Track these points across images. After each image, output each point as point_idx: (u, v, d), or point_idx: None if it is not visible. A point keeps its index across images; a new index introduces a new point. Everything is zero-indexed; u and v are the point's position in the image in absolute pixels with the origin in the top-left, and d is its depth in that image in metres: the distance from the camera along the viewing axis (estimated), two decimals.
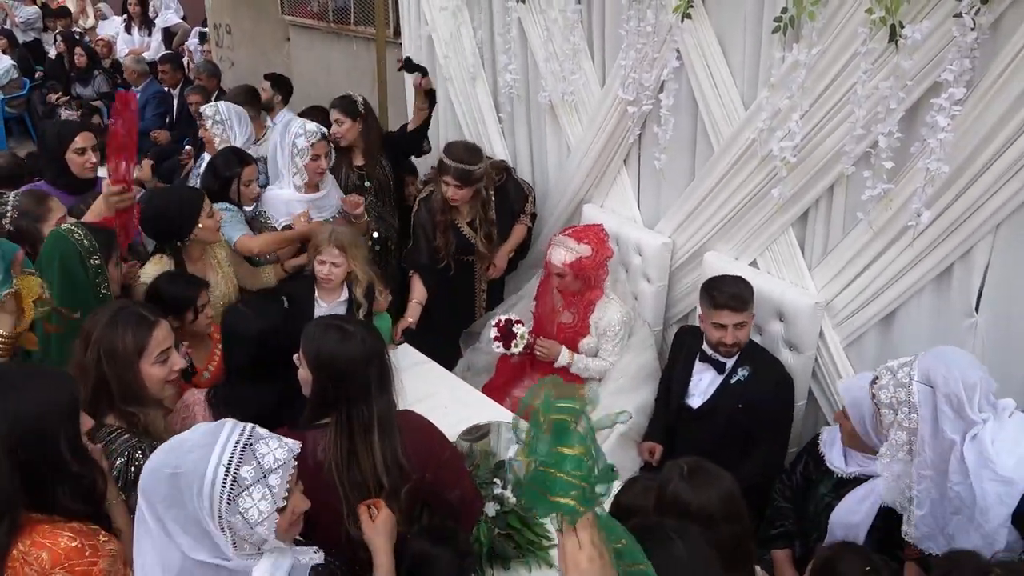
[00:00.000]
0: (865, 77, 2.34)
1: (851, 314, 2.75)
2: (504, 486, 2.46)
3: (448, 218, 3.51)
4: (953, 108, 2.18)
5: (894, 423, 2.12)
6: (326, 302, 3.11)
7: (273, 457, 1.45)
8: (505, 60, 3.72)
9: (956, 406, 2.01)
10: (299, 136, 3.35)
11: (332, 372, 1.87)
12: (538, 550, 2.34)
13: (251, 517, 1.41)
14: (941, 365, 2.04)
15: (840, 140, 2.52)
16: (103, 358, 1.95)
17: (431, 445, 1.97)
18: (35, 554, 1.53)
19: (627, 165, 3.46)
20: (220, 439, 1.43)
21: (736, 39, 2.82)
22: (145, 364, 2.00)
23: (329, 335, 1.90)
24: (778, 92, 2.62)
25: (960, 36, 2.11)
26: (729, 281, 2.81)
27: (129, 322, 2.00)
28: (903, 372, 2.10)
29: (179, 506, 1.39)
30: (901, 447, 2.12)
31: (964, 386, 1.99)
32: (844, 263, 2.72)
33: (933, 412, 2.04)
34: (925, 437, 2.05)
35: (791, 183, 2.69)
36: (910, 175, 2.41)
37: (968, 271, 2.42)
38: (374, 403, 1.87)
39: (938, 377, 2.03)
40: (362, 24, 5.47)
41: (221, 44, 7.54)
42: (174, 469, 1.40)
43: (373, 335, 1.97)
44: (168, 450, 1.45)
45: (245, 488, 1.40)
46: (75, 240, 2.34)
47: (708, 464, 1.89)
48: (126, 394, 1.97)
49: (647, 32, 2.96)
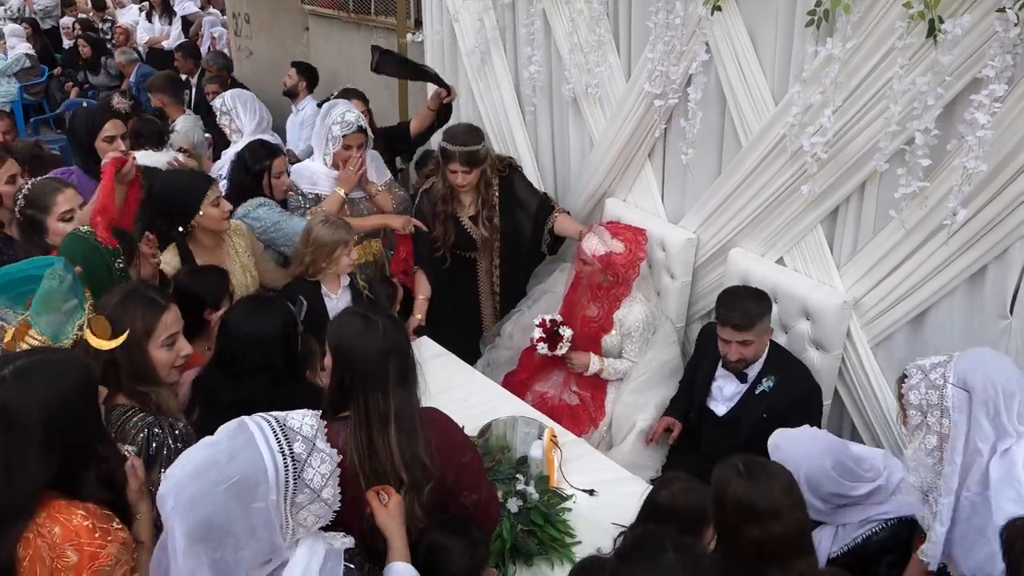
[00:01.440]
0: (902, 72, 2.30)
1: (880, 314, 2.71)
2: (527, 482, 2.44)
3: (449, 209, 3.44)
4: (993, 105, 2.12)
5: (923, 425, 2.02)
6: (334, 293, 3.10)
7: (309, 425, 1.52)
8: (529, 52, 3.68)
9: (992, 415, 1.91)
10: (335, 124, 3.34)
11: (349, 361, 1.85)
12: (560, 547, 2.33)
13: (315, 484, 1.48)
14: (980, 369, 1.93)
15: (874, 136, 2.47)
16: None
17: (453, 446, 1.95)
18: (48, 526, 1.53)
19: (651, 159, 3.42)
20: (254, 434, 1.46)
21: (767, 32, 2.77)
22: (152, 347, 2.00)
23: (352, 324, 1.89)
24: (810, 87, 2.57)
25: (1002, 31, 2.06)
26: (742, 295, 2.77)
27: (139, 303, 2.01)
28: (936, 373, 1.99)
29: (241, 518, 1.41)
30: (930, 452, 2.02)
31: (1004, 394, 1.90)
32: (874, 262, 2.68)
33: (968, 419, 1.93)
34: (957, 445, 1.95)
35: (821, 180, 2.65)
36: (946, 173, 2.36)
37: (1004, 272, 2.38)
38: (391, 396, 1.84)
39: (976, 382, 1.92)
40: (383, 14, 5.43)
41: (240, 33, 7.52)
42: (229, 481, 1.41)
43: (397, 328, 1.94)
44: (199, 475, 1.43)
45: (304, 461, 1.47)
46: (101, 245, 2.31)
47: (758, 458, 1.86)
48: (136, 373, 1.98)
49: (676, 24, 2.92)
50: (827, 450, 2.28)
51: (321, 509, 1.53)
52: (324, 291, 3.07)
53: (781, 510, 1.72)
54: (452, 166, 3.32)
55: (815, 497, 2.22)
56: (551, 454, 2.57)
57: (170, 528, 1.42)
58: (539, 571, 2.29)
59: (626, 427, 3.09)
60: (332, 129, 3.34)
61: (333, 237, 3.00)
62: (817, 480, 2.23)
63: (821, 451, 2.27)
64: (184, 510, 1.40)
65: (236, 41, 7.60)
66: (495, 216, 3.47)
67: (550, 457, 2.57)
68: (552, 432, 2.66)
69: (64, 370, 1.62)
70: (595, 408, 3.27)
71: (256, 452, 1.44)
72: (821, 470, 2.23)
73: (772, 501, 1.73)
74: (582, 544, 2.34)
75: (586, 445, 2.85)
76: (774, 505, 1.72)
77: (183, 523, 1.40)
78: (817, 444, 2.30)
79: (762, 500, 1.73)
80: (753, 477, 1.77)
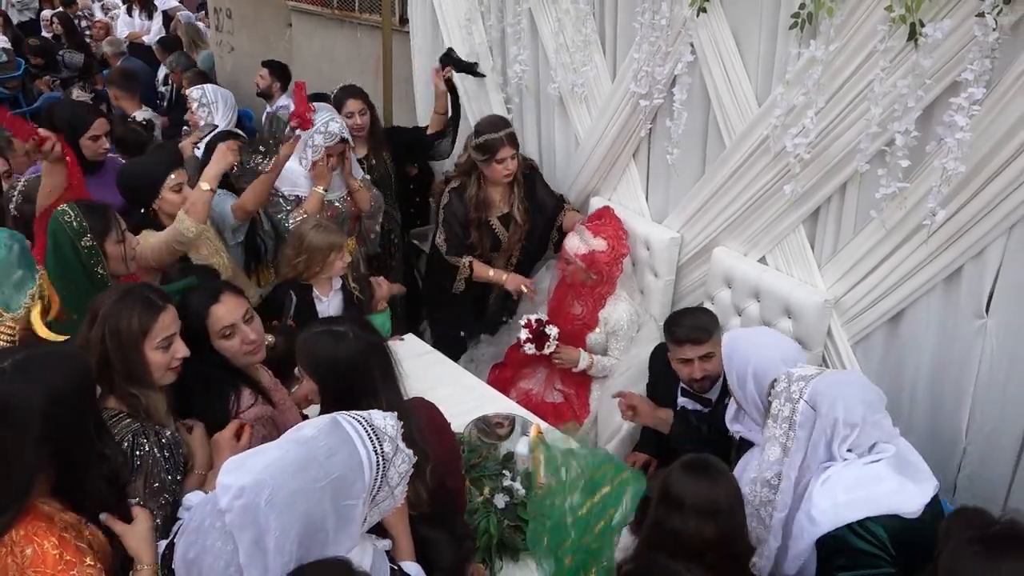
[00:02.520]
0: (883, 75, 2.34)
1: (860, 312, 2.75)
2: (513, 478, 2.46)
3: (483, 215, 3.45)
4: (972, 108, 2.17)
5: (773, 437, 2.05)
6: (326, 295, 3.10)
7: (391, 425, 1.55)
8: (515, 51, 3.70)
9: (828, 440, 1.95)
10: (318, 133, 3.32)
11: (336, 375, 1.89)
12: None
13: (393, 483, 1.52)
14: (833, 394, 1.95)
15: (855, 138, 2.51)
16: (108, 336, 1.91)
17: (442, 428, 2.00)
18: (22, 546, 1.51)
19: (636, 159, 3.45)
20: (350, 432, 1.48)
21: (752, 34, 2.81)
22: (148, 348, 1.97)
23: (323, 341, 1.93)
24: (793, 88, 2.61)
25: (981, 36, 2.10)
26: (687, 314, 2.80)
27: (136, 303, 1.97)
28: (797, 387, 2.01)
29: (331, 515, 1.42)
30: (771, 466, 2.05)
31: (844, 423, 1.92)
32: (854, 261, 2.72)
33: (808, 437, 1.98)
34: (794, 461, 1.99)
35: (804, 180, 2.69)
36: (925, 174, 2.41)
37: (980, 272, 2.43)
38: (381, 394, 1.88)
39: (823, 405, 1.95)
40: (367, 11, 5.42)
41: (221, 28, 7.47)
42: (329, 478, 1.42)
43: (365, 329, 1.99)
44: (299, 471, 1.42)
45: (390, 460, 1.51)
46: (65, 222, 2.30)
47: (712, 459, 1.89)
48: (130, 374, 1.94)
49: (661, 25, 2.95)
50: (776, 343, 2.28)
51: (388, 506, 1.55)
52: (315, 294, 3.07)
53: (721, 511, 1.75)
54: (501, 153, 3.30)
55: (759, 394, 2.18)
56: (537, 451, 2.59)
57: (262, 527, 1.39)
58: (525, 566, 2.31)
59: (611, 425, 3.12)
60: (314, 138, 3.33)
61: (327, 241, 3.00)
62: (764, 372, 2.17)
63: (770, 343, 2.28)
64: (283, 507, 1.39)
65: (217, 36, 7.55)
66: (524, 211, 3.48)
67: (536, 454, 2.59)
68: (538, 428, 2.68)
69: (64, 364, 1.63)
70: (579, 406, 3.31)
71: (354, 450, 1.46)
72: (770, 361, 2.18)
73: (713, 499, 1.76)
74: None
75: (572, 443, 2.87)
76: (715, 506, 1.75)
77: (281, 520, 1.38)
78: (767, 336, 2.35)
79: (703, 496, 1.76)
80: (698, 472, 1.81)
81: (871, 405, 1.97)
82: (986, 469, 2.56)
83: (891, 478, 1.89)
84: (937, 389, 2.64)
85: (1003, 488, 2.54)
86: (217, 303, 2.21)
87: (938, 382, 2.63)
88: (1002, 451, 2.51)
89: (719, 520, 1.75)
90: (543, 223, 3.56)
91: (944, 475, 2.67)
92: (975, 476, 2.60)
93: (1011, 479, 2.52)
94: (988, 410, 2.51)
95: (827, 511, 1.87)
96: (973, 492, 2.61)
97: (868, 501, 1.85)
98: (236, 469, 1.44)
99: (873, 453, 1.94)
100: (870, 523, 1.84)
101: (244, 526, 1.39)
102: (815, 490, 1.92)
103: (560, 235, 3.54)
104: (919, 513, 1.87)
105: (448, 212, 3.47)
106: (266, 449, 1.48)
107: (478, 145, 3.34)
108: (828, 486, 1.91)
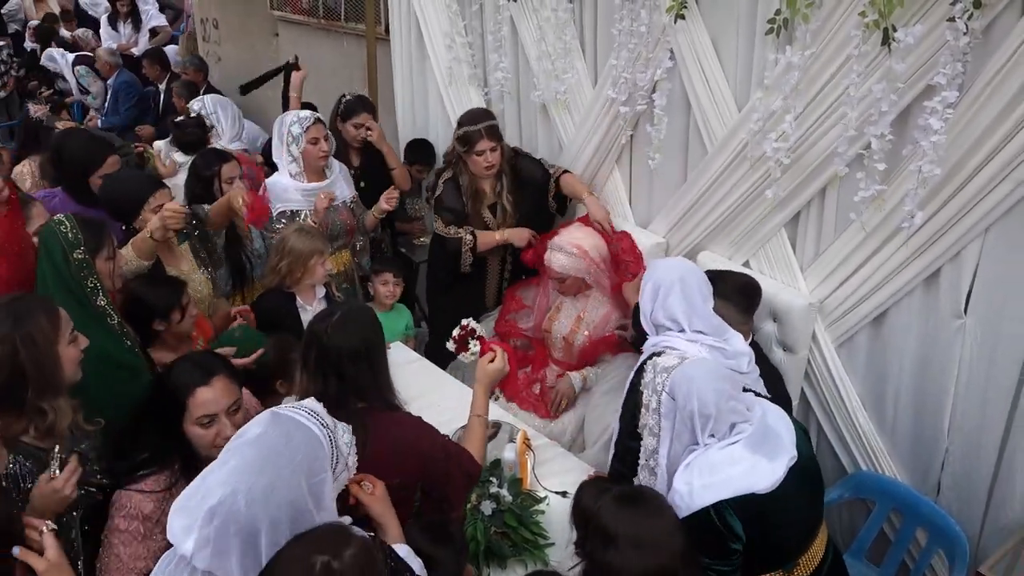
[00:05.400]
0: (858, 80, 2.36)
1: (843, 315, 2.77)
2: (500, 484, 2.47)
3: (476, 206, 3.47)
4: (946, 111, 2.19)
5: (646, 425, 2.16)
6: (310, 304, 3.10)
7: (311, 402, 1.64)
8: (496, 59, 3.72)
9: (691, 428, 2.04)
10: (293, 124, 3.35)
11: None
12: (534, 548, 2.36)
13: (343, 450, 1.59)
14: (688, 386, 2.04)
15: (833, 142, 2.53)
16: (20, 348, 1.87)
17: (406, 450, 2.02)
18: None
19: (619, 165, 3.47)
20: (292, 415, 1.55)
21: (730, 40, 2.83)
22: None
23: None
24: (772, 94, 2.63)
25: (953, 40, 2.13)
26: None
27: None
28: (660, 379, 2.12)
29: (310, 496, 1.46)
30: (651, 453, 2.15)
31: (699, 414, 2.01)
32: (836, 264, 2.74)
33: (672, 425, 2.07)
34: (662, 448, 2.10)
35: (784, 184, 2.71)
36: (902, 177, 2.43)
37: (958, 273, 2.45)
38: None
39: (680, 395, 2.05)
40: (352, 20, 5.43)
41: (208, 39, 7.47)
42: (294, 461, 1.46)
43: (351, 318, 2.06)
44: (263, 465, 1.44)
45: (333, 430, 1.57)
46: (61, 232, 2.31)
47: (644, 491, 1.90)
48: (44, 384, 1.90)
49: (640, 32, 2.97)
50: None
51: (344, 478, 1.61)
52: (299, 303, 3.07)
53: (646, 547, 1.71)
54: (480, 146, 3.31)
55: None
56: (524, 457, 2.61)
57: (250, 529, 1.37)
58: (513, 573, 2.32)
59: (598, 430, 3.13)
60: (292, 130, 3.36)
61: (308, 246, 3.01)
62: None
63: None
64: (264, 501, 1.38)
65: (205, 47, 7.55)
66: (512, 198, 3.48)
67: (523, 460, 2.60)
68: (525, 435, 2.70)
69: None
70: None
71: (306, 428, 1.51)
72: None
73: (641, 534, 1.73)
74: (555, 546, 2.37)
75: (559, 448, 2.89)
76: (640, 539, 1.72)
77: (268, 512, 1.38)
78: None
79: (623, 531, 1.73)
80: (624, 505, 1.79)
81: (722, 393, 2.03)
82: (968, 468, 2.58)
83: (745, 459, 1.98)
84: (920, 389, 2.66)
85: (985, 487, 2.56)
86: (206, 386, 1.99)
87: (920, 382, 2.65)
88: (983, 450, 2.53)
89: (654, 553, 1.71)
90: (535, 194, 3.53)
91: (928, 474, 2.71)
92: (958, 475, 2.62)
93: (993, 477, 2.54)
94: (969, 409, 2.53)
95: (685, 495, 1.97)
96: (956, 491, 2.63)
97: (722, 484, 1.95)
98: (186, 507, 1.41)
99: (733, 434, 2.02)
100: (724, 506, 1.93)
101: (227, 543, 1.36)
102: (676, 475, 2.03)
103: (559, 202, 3.55)
104: (773, 488, 1.95)
105: (445, 196, 3.48)
106: (214, 467, 1.46)
107: (458, 137, 3.39)
108: (687, 471, 2.01)
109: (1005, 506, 2.52)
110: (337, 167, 3.61)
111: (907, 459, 2.77)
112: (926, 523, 2.62)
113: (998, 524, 2.55)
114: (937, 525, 2.57)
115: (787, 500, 1.97)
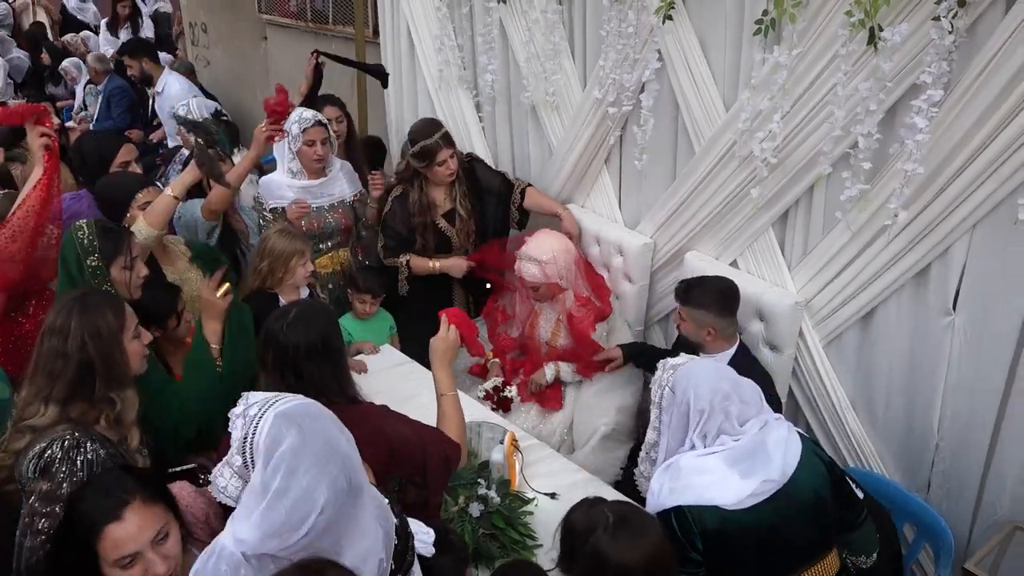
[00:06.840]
0: (845, 79, 2.37)
1: (830, 313, 2.78)
2: (488, 486, 2.46)
3: (427, 218, 3.46)
4: (931, 110, 2.20)
5: (651, 420, 2.19)
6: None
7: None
8: (486, 60, 3.72)
9: (685, 425, 2.05)
10: (293, 123, 3.36)
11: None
12: (522, 549, 2.34)
13: None
14: (685, 381, 2.06)
15: (820, 141, 2.54)
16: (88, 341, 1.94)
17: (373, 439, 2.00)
18: None
19: (608, 165, 3.48)
20: (288, 398, 1.54)
21: (717, 41, 2.84)
22: (125, 339, 2.02)
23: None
24: (759, 93, 2.64)
25: (938, 39, 2.14)
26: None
27: (100, 303, 2.03)
28: (667, 375, 2.13)
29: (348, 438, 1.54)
30: (652, 446, 2.19)
31: (693, 409, 2.02)
32: (823, 263, 2.75)
33: (671, 420, 2.08)
34: (662, 442, 2.12)
35: (771, 184, 2.72)
36: (888, 176, 2.44)
37: (946, 270, 2.46)
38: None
39: (679, 390, 2.07)
40: (341, 23, 5.43)
41: (197, 43, 7.45)
42: (326, 415, 1.53)
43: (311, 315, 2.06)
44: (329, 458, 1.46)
45: None
46: (77, 238, 2.34)
47: (637, 513, 1.79)
48: (111, 375, 1.97)
49: (628, 33, 2.97)
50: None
51: None
52: (282, 304, 3.05)
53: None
54: (440, 156, 3.33)
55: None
56: (512, 458, 2.60)
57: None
58: None
59: (587, 431, 3.12)
60: (291, 129, 3.37)
61: (289, 247, 3.00)
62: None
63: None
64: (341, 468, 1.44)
65: (193, 51, 7.53)
66: (468, 205, 3.49)
67: (511, 461, 2.59)
68: (513, 436, 2.68)
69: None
70: (553, 398, 3.30)
71: (307, 400, 1.55)
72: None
73: (628, 565, 1.66)
74: (543, 547, 2.36)
75: (548, 449, 2.88)
76: (629, 569, 1.66)
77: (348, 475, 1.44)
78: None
79: (616, 559, 1.67)
80: (619, 533, 1.70)
81: (718, 392, 2.03)
82: (958, 464, 2.59)
83: (717, 471, 1.95)
84: (909, 386, 2.66)
85: (975, 483, 2.57)
86: (117, 522, 1.57)
87: (910, 379, 2.66)
88: (973, 446, 2.54)
89: None
90: (495, 204, 3.55)
91: (917, 472, 2.71)
92: (948, 472, 2.62)
93: (983, 474, 2.54)
94: (958, 405, 2.54)
95: (655, 494, 1.99)
96: (947, 488, 2.64)
97: (684, 490, 1.95)
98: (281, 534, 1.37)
99: (715, 444, 2.00)
100: (684, 512, 1.92)
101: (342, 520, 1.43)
102: (655, 474, 2.04)
103: (520, 214, 3.57)
104: (740, 505, 1.92)
105: (390, 218, 3.49)
106: (287, 488, 1.40)
107: (416, 153, 3.36)
108: (664, 472, 2.01)
109: (995, 503, 2.52)
110: (339, 165, 3.62)
111: (897, 457, 2.77)
112: (913, 519, 2.62)
113: (988, 521, 2.55)
114: (924, 520, 2.57)
115: (759, 528, 1.90)
